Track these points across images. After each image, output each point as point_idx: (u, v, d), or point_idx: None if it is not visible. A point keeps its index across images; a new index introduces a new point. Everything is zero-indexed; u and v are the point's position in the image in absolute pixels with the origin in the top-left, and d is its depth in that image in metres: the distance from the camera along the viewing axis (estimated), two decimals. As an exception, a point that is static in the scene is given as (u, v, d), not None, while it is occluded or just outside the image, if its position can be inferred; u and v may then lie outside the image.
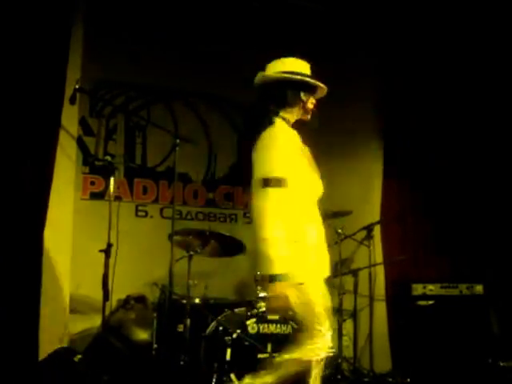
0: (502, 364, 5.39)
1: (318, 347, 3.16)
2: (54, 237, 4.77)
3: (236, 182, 5.93)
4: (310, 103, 3.28)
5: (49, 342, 4.61)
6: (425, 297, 5.43)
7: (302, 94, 3.25)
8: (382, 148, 6.27)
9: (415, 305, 5.41)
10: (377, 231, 5.68)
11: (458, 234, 5.90)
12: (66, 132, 5.03)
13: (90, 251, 4.53)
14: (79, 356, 4.40)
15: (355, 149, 6.15)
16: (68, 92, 4.63)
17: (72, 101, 4.60)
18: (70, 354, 4.48)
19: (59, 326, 4.75)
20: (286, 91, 3.24)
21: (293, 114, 3.27)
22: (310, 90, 3.27)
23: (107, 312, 4.52)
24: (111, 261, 4.41)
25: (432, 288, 5.46)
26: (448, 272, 5.71)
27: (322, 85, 3.27)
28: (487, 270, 5.69)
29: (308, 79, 3.25)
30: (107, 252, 4.12)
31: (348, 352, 5.25)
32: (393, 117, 6.24)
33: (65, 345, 4.71)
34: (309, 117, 3.30)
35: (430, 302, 5.41)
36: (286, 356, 3.17)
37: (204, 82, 5.79)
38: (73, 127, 5.19)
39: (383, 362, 5.53)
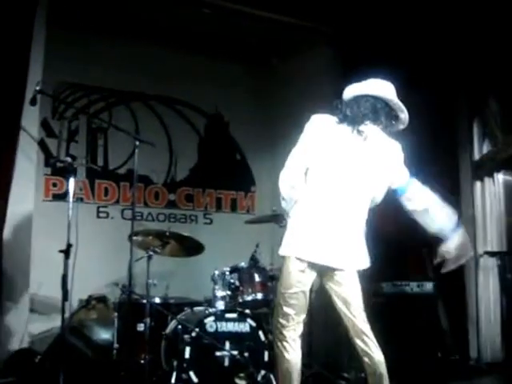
0: (451, 358, 5.61)
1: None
2: (14, 238, 4.80)
3: (196, 184, 6.04)
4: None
5: (9, 342, 4.65)
6: (377, 294, 5.59)
7: None
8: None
9: (368, 302, 5.54)
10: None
11: (410, 233, 6.04)
12: (27, 134, 5.05)
13: (51, 252, 4.59)
14: (39, 357, 4.46)
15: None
16: (30, 94, 4.69)
17: (33, 102, 4.64)
18: (31, 355, 4.55)
19: (19, 326, 4.75)
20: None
21: None
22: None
23: (68, 312, 4.61)
24: (72, 261, 4.48)
25: (384, 286, 5.63)
26: (399, 270, 5.86)
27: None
28: (436, 270, 5.86)
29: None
30: (66, 252, 4.16)
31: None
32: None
33: (25, 346, 4.74)
34: None
35: (382, 300, 5.57)
36: None
37: (165, 86, 5.89)
38: (34, 129, 5.23)
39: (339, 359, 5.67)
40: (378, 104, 3.39)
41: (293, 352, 3.35)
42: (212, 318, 4.37)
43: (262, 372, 4.35)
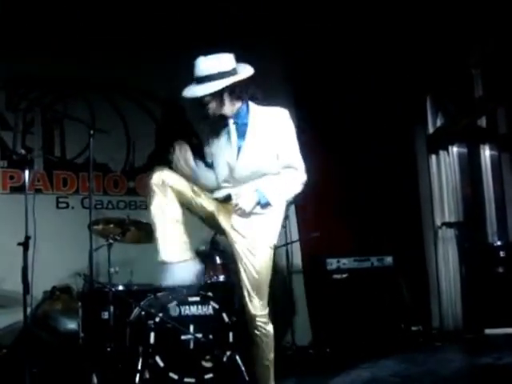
0: (413, 328, 5.75)
1: None
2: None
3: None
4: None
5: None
6: (339, 270, 5.69)
7: None
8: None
9: (331, 278, 5.67)
10: (291, 210, 5.83)
11: (369, 209, 6.16)
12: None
13: (10, 245, 4.58)
14: (4, 351, 4.45)
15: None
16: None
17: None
18: (-4, 349, 4.55)
19: (-17, 322, 4.76)
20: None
21: None
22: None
23: (33, 305, 4.60)
24: (33, 253, 4.47)
25: (345, 262, 5.73)
26: (359, 246, 5.97)
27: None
28: (395, 243, 5.99)
29: None
30: (25, 245, 4.15)
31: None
32: (304, 91, 6.29)
33: (-10, 340, 4.73)
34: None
35: (344, 275, 5.68)
36: None
37: (120, 73, 5.85)
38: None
39: (304, 335, 5.78)
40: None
41: None
42: (175, 303, 4.38)
43: (228, 353, 4.42)
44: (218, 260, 4.79)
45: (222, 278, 4.76)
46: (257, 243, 3.39)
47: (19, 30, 5.42)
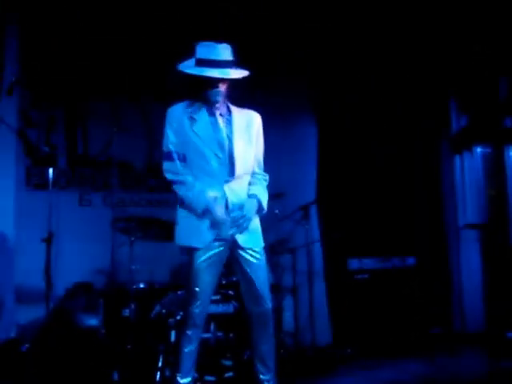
0: (434, 330, 5.70)
1: None
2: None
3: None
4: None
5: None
6: (361, 271, 5.66)
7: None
8: (316, 126, 6.34)
9: (352, 278, 5.64)
10: (313, 211, 5.85)
11: (391, 209, 6.12)
12: (6, 125, 5.05)
13: (34, 242, 4.63)
14: (27, 346, 4.49)
15: (288, 128, 6.20)
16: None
17: (9, 93, 4.66)
18: (18, 345, 4.58)
19: (6, 317, 4.80)
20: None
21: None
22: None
23: (54, 301, 4.65)
24: (55, 250, 4.53)
25: (367, 262, 5.69)
26: (382, 246, 5.92)
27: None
28: (418, 244, 5.93)
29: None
30: (48, 241, 4.19)
31: (290, 327, 5.47)
32: (326, 92, 6.26)
33: (12, 335, 4.78)
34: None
35: (366, 276, 5.65)
36: None
37: (144, 72, 5.86)
38: (13, 120, 5.22)
39: (324, 336, 5.73)
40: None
41: None
42: (196, 301, 4.40)
43: (248, 352, 4.42)
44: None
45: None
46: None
47: (44, 28, 5.46)
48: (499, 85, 5.91)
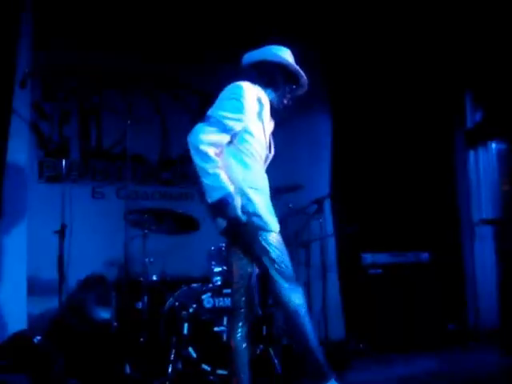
0: (448, 326, 5.67)
1: None
2: (9, 221, 4.83)
3: (191, 161, 6.01)
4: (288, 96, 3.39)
5: (8, 325, 4.68)
6: (374, 265, 5.63)
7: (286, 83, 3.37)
8: (330, 120, 6.38)
9: (366, 273, 5.61)
10: (327, 205, 5.82)
11: (405, 204, 6.08)
12: (19, 117, 5.05)
13: (46, 234, 4.63)
14: (39, 338, 4.49)
15: (304, 121, 6.20)
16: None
17: (23, 85, 4.65)
18: (30, 337, 4.58)
19: (18, 308, 4.80)
20: (276, 75, 3.35)
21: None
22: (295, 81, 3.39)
23: (66, 293, 4.65)
24: (68, 242, 4.52)
25: (381, 257, 5.66)
26: (395, 241, 5.88)
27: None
28: (432, 239, 5.89)
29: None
30: (61, 233, 4.18)
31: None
32: (341, 87, 6.28)
33: (24, 327, 4.77)
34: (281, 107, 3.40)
35: (380, 271, 5.61)
36: None
37: (158, 65, 5.85)
38: (26, 112, 5.22)
39: (337, 330, 5.72)
40: (277, 70, 3.35)
41: None
42: (209, 294, 4.41)
43: (261, 346, 4.41)
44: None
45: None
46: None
47: (58, 18, 5.44)
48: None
